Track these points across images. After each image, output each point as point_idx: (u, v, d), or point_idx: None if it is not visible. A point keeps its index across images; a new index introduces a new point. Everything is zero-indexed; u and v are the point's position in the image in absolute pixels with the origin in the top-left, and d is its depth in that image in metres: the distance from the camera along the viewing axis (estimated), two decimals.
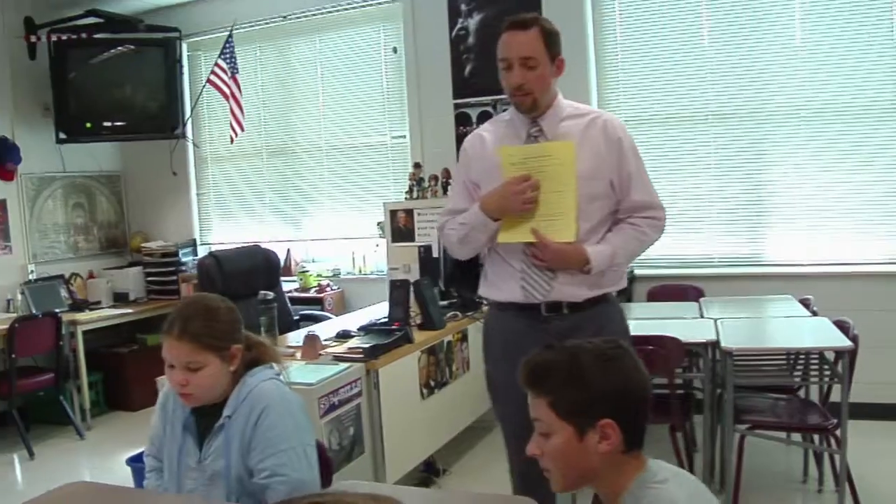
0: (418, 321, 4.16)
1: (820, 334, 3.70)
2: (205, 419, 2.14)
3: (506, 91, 2.54)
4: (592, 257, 2.48)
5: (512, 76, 2.48)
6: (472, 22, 5.62)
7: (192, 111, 6.69)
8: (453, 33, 5.68)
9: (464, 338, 4.49)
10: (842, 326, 3.65)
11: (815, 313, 4.15)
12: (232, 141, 6.32)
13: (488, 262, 2.72)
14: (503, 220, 2.52)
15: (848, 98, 4.97)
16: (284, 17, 6.28)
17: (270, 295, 3.80)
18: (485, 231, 2.55)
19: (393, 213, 5.43)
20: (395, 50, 5.95)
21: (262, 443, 2.04)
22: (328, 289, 6.08)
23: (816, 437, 3.91)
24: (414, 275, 4.90)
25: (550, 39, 2.50)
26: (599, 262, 2.49)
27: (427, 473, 4.26)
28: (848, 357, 3.41)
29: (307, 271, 6.24)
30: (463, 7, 5.64)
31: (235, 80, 6.16)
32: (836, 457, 3.55)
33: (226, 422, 2.09)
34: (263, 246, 5.37)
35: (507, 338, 2.63)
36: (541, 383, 1.62)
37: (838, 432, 3.43)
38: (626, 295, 5.17)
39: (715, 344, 3.65)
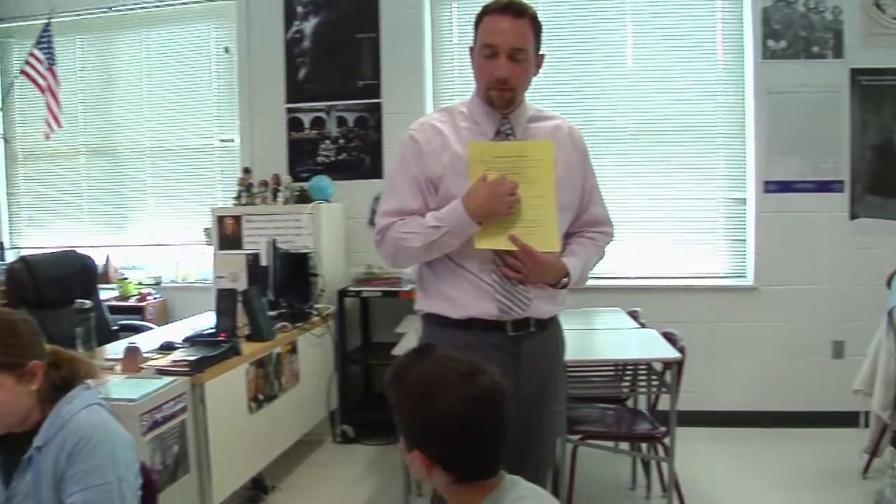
0: (246, 332, 3.98)
1: (648, 346, 3.81)
2: (13, 451, 1.90)
3: (482, 81, 2.29)
4: (571, 271, 2.33)
5: (497, 66, 2.23)
6: (308, 25, 5.50)
7: (2, 103, 6.18)
8: (288, 36, 5.53)
9: (294, 349, 4.37)
10: (669, 338, 3.78)
11: (643, 325, 4.29)
12: (48, 137, 5.85)
13: (434, 274, 2.38)
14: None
15: (674, 119, 5.26)
16: (109, 7, 5.92)
17: (87, 304, 3.56)
18: (464, 236, 2.24)
19: (220, 219, 5.22)
20: (226, 50, 5.73)
21: (75, 477, 1.82)
22: (150, 297, 5.76)
23: (644, 446, 4.01)
24: (242, 284, 4.71)
25: (539, 32, 2.30)
26: (575, 277, 2.35)
27: (255, 491, 4.11)
28: (675, 367, 3.52)
29: (127, 279, 5.90)
30: (299, 9, 5.51)
31: (53, 73, 5.74)
32: (664, 464, 3.67)
33: (35, 454, 1.86)
34: (80, 251, 5.01)
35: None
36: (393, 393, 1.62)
37: (666, 440, 3.55)
38: None
39: None
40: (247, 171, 5.38)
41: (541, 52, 2.33)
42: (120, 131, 6.11)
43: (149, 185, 6.06)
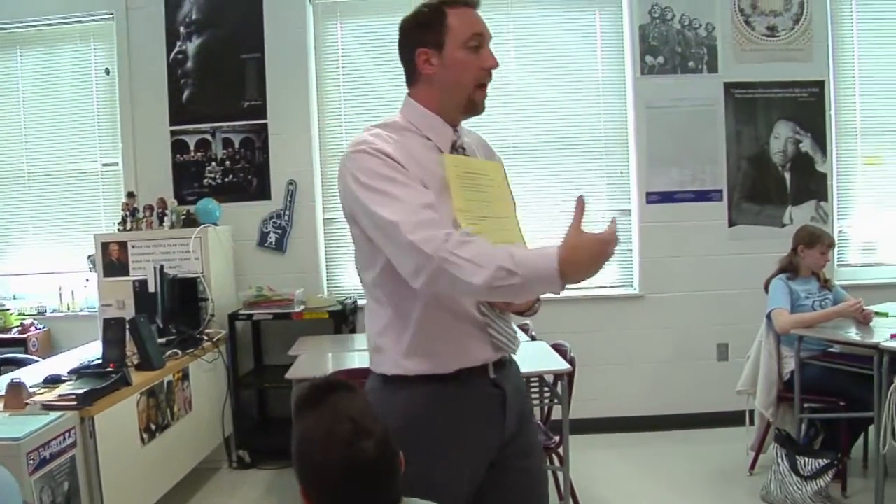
0: (136, 361, 3.88)
1: (539, 358, 3.84)
2: None
3: (468, 79, 1.97)
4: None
5: (488, 57, 1.97)
6: (192, 46, 5.40)
7: None
8: (171, 57, 5.42)
9: (185, 376, 4.28)
10: (559, 349, 3.85)
11: (533, 338, 4.35)
12: None
13: (409, 324, 1.92)
14: None
15: (558, 134, 5.41)
16: None
17: None
18: (532, 294, 1.91)
19: (105, 246, 5.06)
20: (107, 71, 5.57)
21: None
22: (32, 328, 5.55)
23: None
24: (129, 311, 4.62)
25: None
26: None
27: None
28: (566, 378, 3.59)
29: (7, 309, 5.66)
30: (182, 30, 5.41)
31: None
32: (560, 473, 3.73)
33: None
34: None
35: (454, 421, 1.93)
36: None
37: (560, 450, 3.60)
38: (351, 326, 5.19)
39: None
40: (131, 195, 5.24)
41: None
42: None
43: (29, 212, 5.82)
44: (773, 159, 5.41)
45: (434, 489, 1.78)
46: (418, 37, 1.98)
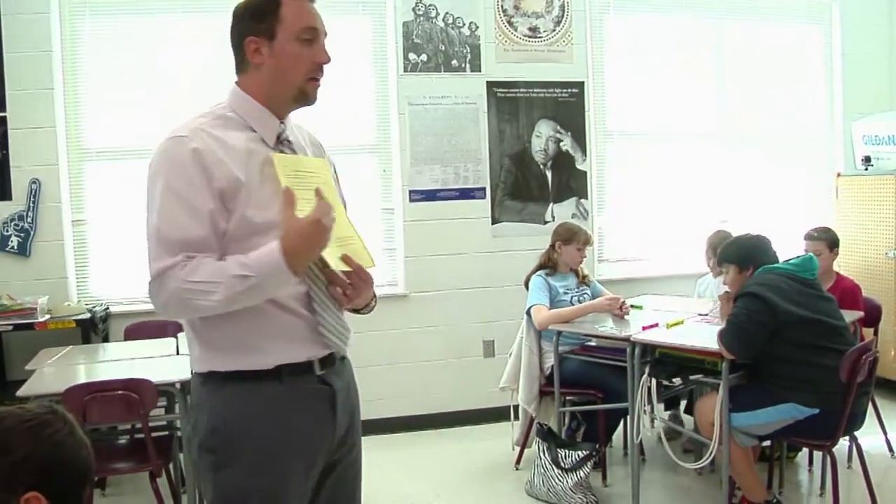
0: None
1: None
2: None
3: (299, 72, 1.93)
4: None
5: (320, 51, 1.95)
6: None
7: None
8: None
9: None
10: None
11: None
12: None
13: (221, 318, 1.82)
14: None
15: (322, 133, 5.23)
16: None
17: None
18: (277, 289, 1.82)
19: None
20: None
21: None
22: None
23: None
24: None
25: None
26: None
27: None
28: None
29: None
30: None
31: None
32: None
33: None
34: None
35: (276, 420, 1.87)
36: None
37: None
38: (104, 334, 4.90)
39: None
40: None
41: None
42: None
43: None
44: (535, 157, 5.53)
45: (257, 496, 1.83)
46: (250, 25, 1.92)
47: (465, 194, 5.40)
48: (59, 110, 5.02)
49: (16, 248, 4.99)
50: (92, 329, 4.74)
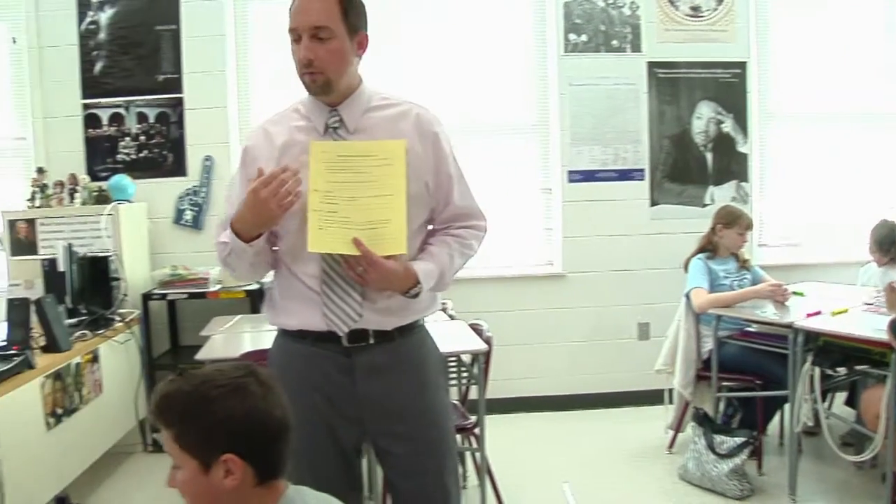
0: (42, 343, 3.75)
1: (456, 338, 3.77)
2: None
3: (297, 70, 2.12)
4: (422, 278, 2.11)
5: (299, 50, 2.06)
6: (104, 16, 5.21)
7: None
8: (82, 27, 5.23)
9: (95, 358, 4.15)
10: (476, 329, 3.81)
11: (452, 317, 4.32)
12: None
13: (276, 282, 2.23)
14: (308, 225, 2.04)
15: (482, 113, 5.33)
16: None
17: None
18: (243, 256, 2.09)
19: (12, 223, 4.88)
20: (14, 40, 5.34)
21: None
22: None
23: (458, 437, 4.05)
24: (39, 291, 4.47)
25: (350, 8, 2.07)
26: (427, 284, 2.13)
27: None
28: (483, 358, 3.56)
29: None
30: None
31: None
32: (477, 454, 3.72)
33: None
34: None
35: (303, 373, 2.15)
36: (164, 415, 1.51)
37: (477, 430, 3.58)
38: None
39: None
40: (40, 170, 5.05)
41: (361, 32, 2.14)
42: None
43: None
44: (695, 139, 5.44)
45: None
46: None
47: (624, 175, 5.37)
48: (230, 91, 5.26)
49: (190, 221, 5.27)
50: (259, 299, 4.94)
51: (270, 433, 1.53)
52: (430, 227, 2.28)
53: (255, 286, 4.96)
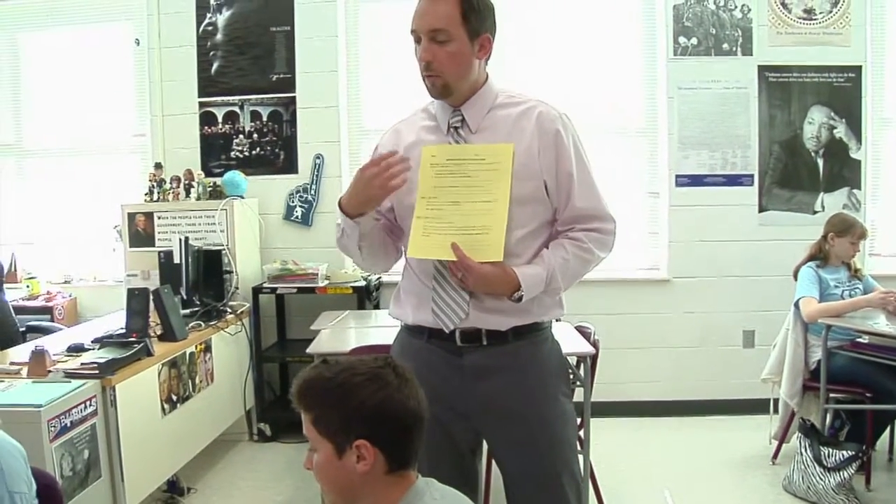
0: (159, 332, 3.89)
1: (562, 340, 3.77)
2: None
3: (420, 72, 2.14)
4: (524, 282, 2.06)
5: (420, 51, 2.09)
6: (221, 18, 5.39)
7: None
8: (200, 28, 5.41)
9: (208, 348, 4.30)
10: (582, 332, 3.80)
11: (558, 320, 4.31)
12: None
13: (403, 275, 2.29)
14: (411, 230, 2.11)
15: (591, 116, 5.20)
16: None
17: None
18: (352, 236, 2.14)
19: (131, 217, 5.08)
20: (137, 42, 5.56)
21: None
22: (58, 296, 5.58)
23: None
24: (154, 282, 4.64)
25: (470, 12, 2.05)
26: (532, 288, 2.08)
27: (171, 493, 4.04)
28: (590, 360, 3.55)
29: (34, 277, 5.70)
30: (212, 2, 5.39)
31: None
32: (580, 456, 3.70)
33: None
34: None
35: (417, 368, 1.98)
36: (304, 399, 1.59)
37: (581, 432, 3.57)
38: (375, 302, 5.18)
39: None
40: (158, 166, 5.25)
41: (484, 34, 2.12)
42: (30, 128, 5.86)
43: (60, 181, 5.81)
44: (806, 145, 5.32)
45: None
46: None
47: (732, 181, 5.28)
48: (342, 91, 5.37)
49: (300, 217, 5.39)
50: (366, 296, 5.03)
51: (403, 423, 1.58)
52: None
53: (361, 283, 5.04)
